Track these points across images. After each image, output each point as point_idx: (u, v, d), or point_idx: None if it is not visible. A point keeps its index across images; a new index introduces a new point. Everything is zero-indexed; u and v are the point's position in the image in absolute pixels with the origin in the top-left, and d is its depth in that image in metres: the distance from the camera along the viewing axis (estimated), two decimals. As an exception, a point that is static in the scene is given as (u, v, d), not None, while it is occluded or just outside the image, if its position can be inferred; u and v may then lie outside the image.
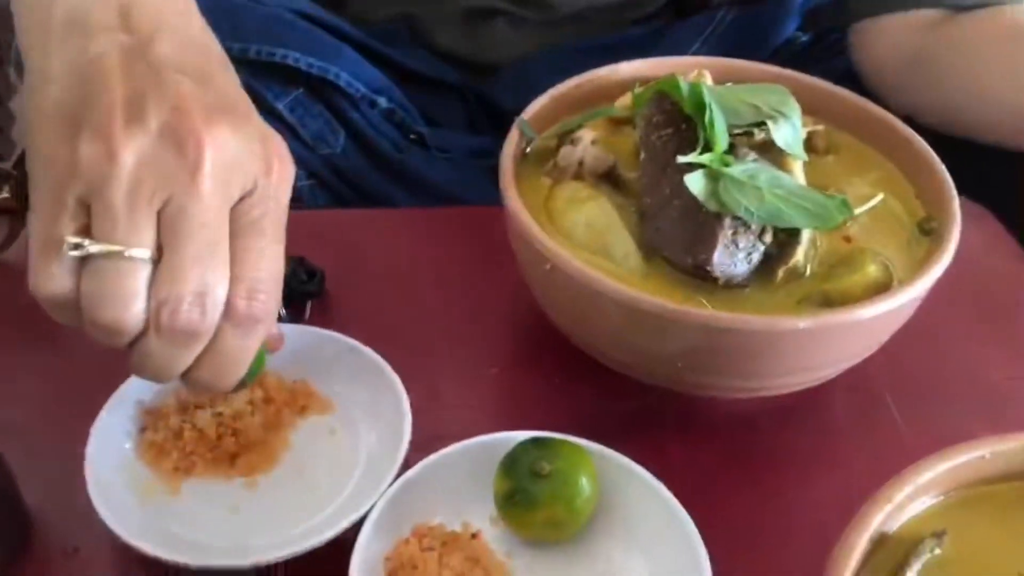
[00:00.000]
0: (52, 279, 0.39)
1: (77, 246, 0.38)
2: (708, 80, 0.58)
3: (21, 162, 0.78)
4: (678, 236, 0.49)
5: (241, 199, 0.40)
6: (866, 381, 0.57)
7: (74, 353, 0.58)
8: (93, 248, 0.38)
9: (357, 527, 0.46)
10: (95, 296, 0.39)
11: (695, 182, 0.47)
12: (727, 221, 0.47)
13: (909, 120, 0.70)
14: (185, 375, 0.42)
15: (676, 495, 0.46)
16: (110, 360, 0.52)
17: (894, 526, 0.37)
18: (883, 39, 0.77)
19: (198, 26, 0.45)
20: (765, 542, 0.48)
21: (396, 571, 0.45)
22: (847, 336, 0.48)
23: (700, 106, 0.49)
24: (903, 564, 0.36)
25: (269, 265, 0.41)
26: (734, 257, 0.48)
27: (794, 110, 0.53)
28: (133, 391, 0.52)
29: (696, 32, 0.87)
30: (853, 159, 0.59)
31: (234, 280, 0.40)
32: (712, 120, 0.48)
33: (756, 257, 0.49)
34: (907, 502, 0.37)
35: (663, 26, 0.87)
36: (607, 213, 0.52)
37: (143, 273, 0.38)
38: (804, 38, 0.93)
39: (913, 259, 0.52)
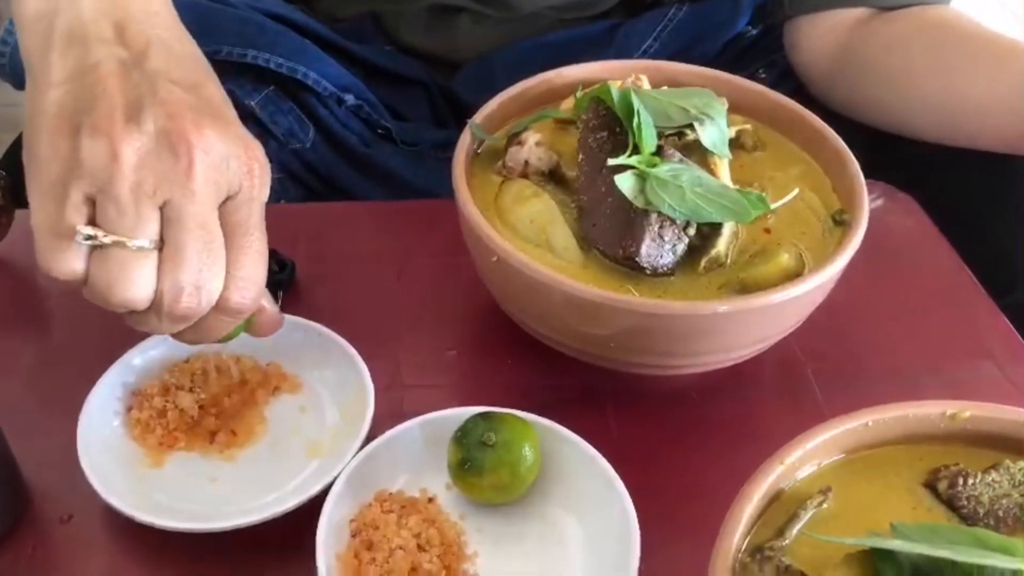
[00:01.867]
0: (66, 263, 0.43)
1: (90, 236, 0.42)
2: (645, 84, 0.62)
3: (5, 162, 0.82)
4: (611, 231, 0.53)
5: (228, 199, 0.45)
6: (790, 358, 0.62)
7: (64, 340, 0.63)
8: (107, 239, 0.42)
9: (325, 493, 0.50)
10: (106, 280, 0.43)
11: (624, 182, 0.51)
12: (654, 217, 0.52)
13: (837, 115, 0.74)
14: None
15: (611, 463, 0.51)
16: (98, 346, 0.57)
17: (789, 484, 0.42)
18: (813, 37, 0.79)
19: (186, 41, 0.49)
20: (689, 503, 0.53)
21: (359, 531, 0.50)
22: (761, 319, 0.52)
23: (630, 112, 0.53)
24: (793, 517, 0.41)
25: (256, 262, 0.46)
26: (660, 249, 0.53)
27: (720, 112, 0.57)
28: (119, 375, 0.56)
29: (649, 28, 0.89)
30: (778, 155, 0.63)
31: (228, 278, 0.45)
32: (640, 125, 0.53)
33: (680, 248, 0.53)
34: (799, 464, 0.42)
35: (617, 23, 0.90)
36: (550, 209, 0.56)
37: (149, 261, 0.43)
38: (753, 32, 0.95)
39: (826, 249, 0.56)
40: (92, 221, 0.43)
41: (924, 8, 0.76)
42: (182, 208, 0.43)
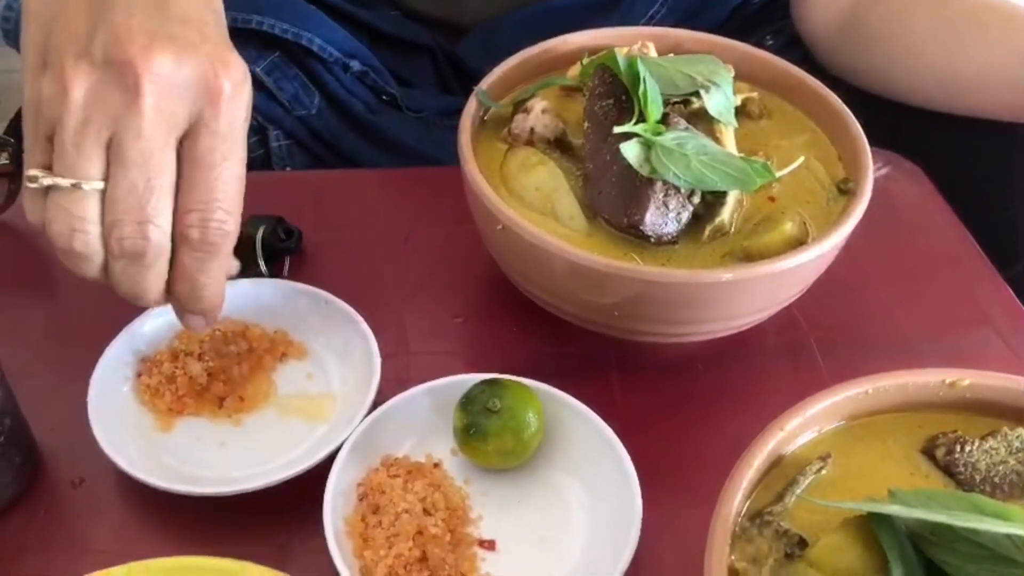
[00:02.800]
0: (31, 210, 0.43)
1: (33, 178, 0.41)
2: (652, 51, 0.62)
3: (14, 128, 0.82)
4: (616, 199, 0.53)
5: (191, 127, 0.42)
6: (792, 326, 0.62)
7: (73, 306, 0.63)
8: (45, 181, 0.41)
9: (332, 458, 0.50)
10: (50, 223, 0.42)
11: (630, 150, 0.51)
12: (658, 185, 0.52)
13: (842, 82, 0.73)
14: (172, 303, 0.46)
15: (614, 429, 0.52)
16: (107, 312, 0.58)
17: (789, 450, 0.43)
18: (819, 4, 0.78)
19: None
20: (691, 468, 0.54)
21: (366, 495, 0.50)
22: (764, 287, 0.53)
23: (636, 79, 0.53)
24: (792, 482, 0.42)
25: (221, 192, 0.42)
26: (665, 217, 0.53)
27: (726, 80, 0.57)
28: (129, 341, 0.57)
29: (656, -7, 0.89)
30: (784, 123, 0.63)
31: (185, 211, 0.42)
32: (646, 92, 0.52)
33: (685, 217, 0.54)
34: (800, 430, 0.43)
35: (624, -13, 0.90)
36: (555, 177, 0.57)
37: (91, 202, 0.42)
38: (760, -2, 0.95)
39: (830, 217, 0.56)
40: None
41: None
42: (126, 144, 0.41)
